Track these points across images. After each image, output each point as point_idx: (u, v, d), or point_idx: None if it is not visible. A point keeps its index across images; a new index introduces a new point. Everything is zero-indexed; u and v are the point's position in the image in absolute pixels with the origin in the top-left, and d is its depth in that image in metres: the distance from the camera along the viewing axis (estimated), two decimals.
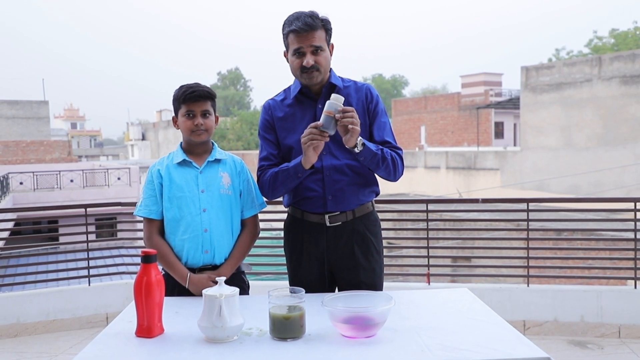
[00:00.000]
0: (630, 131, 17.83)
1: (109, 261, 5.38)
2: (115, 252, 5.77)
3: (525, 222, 4.59)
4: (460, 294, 2.25)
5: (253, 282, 3.10)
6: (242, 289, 2.30)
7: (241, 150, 38.83)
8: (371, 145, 2.19)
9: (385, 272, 2.58)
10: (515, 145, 29.30)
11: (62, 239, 11.28)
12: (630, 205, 4.47)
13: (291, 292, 1.81)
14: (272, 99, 2.43)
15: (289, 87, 2.41)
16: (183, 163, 2.34)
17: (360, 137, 2.13)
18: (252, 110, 54.25)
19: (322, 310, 1.80)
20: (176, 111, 2.35)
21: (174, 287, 2.26)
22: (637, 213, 4.37)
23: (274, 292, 1.79)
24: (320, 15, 2.25)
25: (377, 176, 2.38)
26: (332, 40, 2.31)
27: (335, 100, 2.07)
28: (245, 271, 2.48)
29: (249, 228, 2.41)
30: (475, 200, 5.12)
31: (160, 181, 2.33)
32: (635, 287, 4.37)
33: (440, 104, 32.51)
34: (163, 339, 1.82)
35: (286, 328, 1.75)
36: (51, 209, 5.52)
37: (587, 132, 18.94)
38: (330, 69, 2.32)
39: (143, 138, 53.53)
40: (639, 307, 4.29)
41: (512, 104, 26.84)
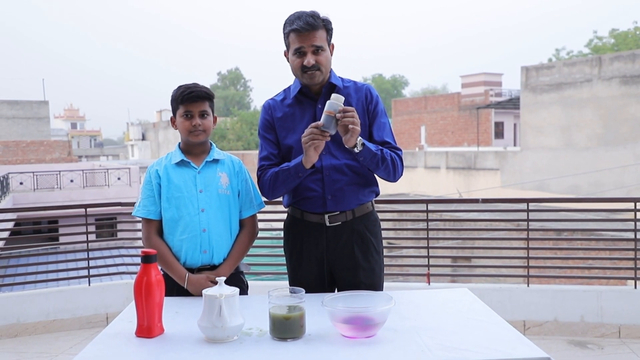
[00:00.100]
0: (630, 131, 17.83)
1: (109, 261, 5.39)
2: (115, 252, 5.78)
3: (525, 222, 4.59)
4: (461, 294, 2.25)
5: (253, 282, 3.11)
6: (241, 289, 2.30)
7: (241, 151, 38.82)
8: (371, 146, 2.19)
9: (385, 272, 2.58)
10: (515, 145, 29.31)
11: (62, 239, 11.27)
12: (630, 205, 4.47)
13: (291, 292, 1.81)
14: (272, 98, 2.43)
15: (288, 87, 2.41)
16: (181, 163, 2.34)
17: (360, 137, 2.13)
18: (252, 111, 54.23)
19: (322, 311, 1.80)
20: (174, 111, 2.36)
21: (173, 287, 2.26)
22: (637, 213, 4.37)
23: (274, 292, 1.79)
24: (321, 15, 2.25)
25: (376, 176, 2.38)
26: (332, 41, 2.31)
27: (336, 100, 2.08)
28: (244, 271, 2.48)
29: (248, 228, 2.41)
30: (475, 201, 5.13)
31: (159, 181, 2.33)
32: (635, 287, 4.37)
33: (440, 104, 32.52)
34: (163, 339, 1.82)
35: (286, 328, 1.75)
36: (51, 209, 5.52)
37: (587, 132, 18.94)
38: (330, 69, 2.32)
39: (143, 138, 53.52)
40: (639, 307, 4.29)
41: (512, 104, 26.85)
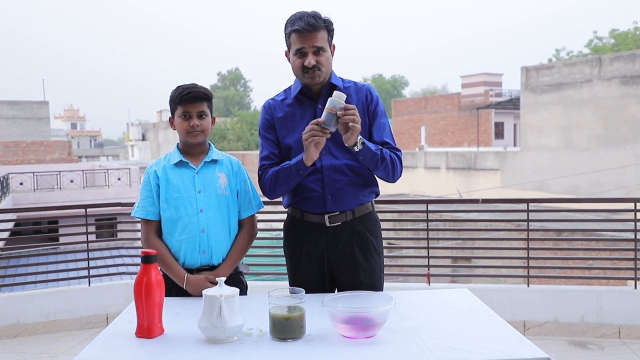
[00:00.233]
0: (630, 131, 17.84)
1: (109, 261, 5.39)
2: (115, 252, 5.77)
3: (526, 223, 4.59)
4: (461, 295, 2.25)
5: (253, 283, 3.11)
6: (240, 289, 2.30)
7: (241, 151, 38.81)
8: (371, 145, 2.19)
9: (385, 272, 2.58)
10: (515, 145, 29.31)
11: (62, 240, 11.28)
12: (630, 205, 4.47)
13: (291, 293, 1.81)
14: (272, 98, 2.43)
15: (289, 87, 2.42)
16: (180, 164, 2.34)
17: (360, 137, 2.13)
18: (252, 111, 54.13)
19: (322, 311, 1.80)
20: (172, 112, 2.36)
21: (172, 288, 2.26)
22: (637, 213, 4.37)
23: (274, 292, 1.79)
24: (322, 16, 2.25)
25: (376, 177, 2.38)
26: (333, 41, 2.31)
27: (337, 98, 2.08)
28: (243, 271, 2.48)
29: (247, 228, 2.41)
30: (476, 201, 5.13)
31: (157, 182, 2.33)
32: (636, 287, 4.37)
33: (441, 104, 32.52)
34: (163, 339, 1.82)
35: (286, 328, 1.74)
36: (51, 209, 5.52)
37: (587, 133, 18.95)
38: (331, 69, 2.32)
39: (143, 138, 53.50)
40: (639, 308, 4.29)
41: (512, 104, 26.87)
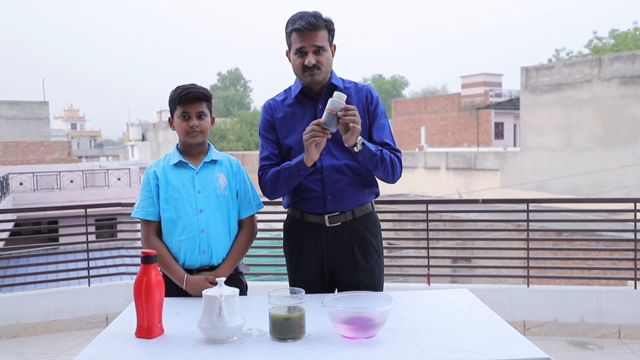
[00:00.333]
0: (630, 132, 17.84)
1: (109, 262, 5.39)
2: (115, 252, 5.77)
3: (525, 223, 4.59)
4: (460, 295, 2.25)
5: (253, 283, 3.11)
6: (240, 290, 2.30)
7: (241, 151, 38.81)
8: (371, 146, 2.19)
9: (385, 272, 2.58)
10: (515, 145, 29.32)
11: (62, 240, 11.28)
12: (630, 205, 4.47)
13: (291, 293, 1.81)
14: (272, 98, 2.43)
15: (289, 87, 2.42)
16: (179, 164, 2.34)
17: (360, 137, 2.13)
18: (252, 111, 54.12)
19: (322, 311, 1.80)
20: (172, 113, 2.36)
21: (172, 288, 2.26)
22: (637, 213, 4.37)
23: (273, 292, 1.79)
24: (323, 16, 2.25)
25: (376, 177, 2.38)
26: (334, 41, 2.31)
27: (338, 98, 2.08)
28: (243, 272, 2.48)
29: (246, 228, 2.41)
30: (475, 201, 5.13)
31: (157, 183, 2.33)
32: (636, 287, 4.37)
33: (440, 104, 32.53)
34: (163, 339, 1.82)
35: (286, 329, 1.74)
36: (51, 209, 5.52)
37: (587, 133, 18.95)
38: (331, 69, 2.32)
39: (143, 139, 53.49)
40: (639, 308, 4.29)
41: (512, 104, 26.88)
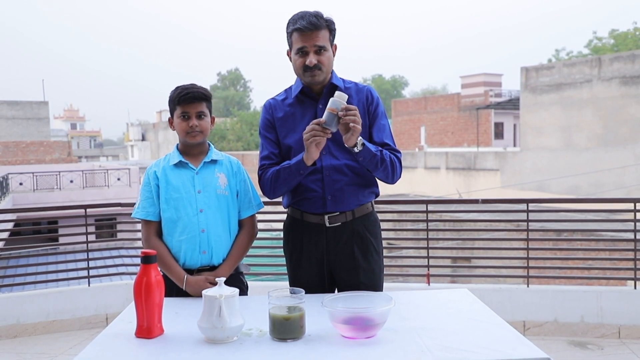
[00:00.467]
0: (630, 132, 17.84)
1: (109, 262, 5.39)
2: (115, 252, 5.77)
3: (525, 223, 4.59)
4: (460, 295, 2.25)
5: (253, 283, 3.11)
6: (241, 289, 2.30)
7: (241, 151, 38.80)
8: (371, 146, 2.19)
9: (385, 272, 2.58)
10: (515, 145, 29.31)
11: (62, 240, 11.28)
12: (630, 205, 4.47)
13: (291, 293, 1.81)
14: (272, 98, 2.43)
15: (290, 87, 2.42)
16: (179, 164, 2.34)
17: (360, 137, 2.13)
18: (252, 111, 54.08)
19: (322, 311, 1.80)
20: (172, 113, 2.36)
21: (172, 288, 2.26)
22: (637, 213, 4.37)
23: (273, 292, 1.79)
24: (324, 16, 2.25)
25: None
26: (335, 41, 2.31)
27: (339, 98, 2.08)
28: (244, 272, 2.48)
29: (247, 228, 2.41)
30: (475, 201, 5.13)
31: (157, 183, 2.33)
32: (635, 287, 4.37)
33: (440, 104, 32.52)
34: (163, 339, 1.82)
35: (286, 329, 1.74)
36: (51, 209, 5.52)
37: (587, 133, 18.95)
38: (332, 69, 2.32)
39: (143, 139, 53.48)
40: (639, 308, 4.29)
41: (512, 104, 26.87)
